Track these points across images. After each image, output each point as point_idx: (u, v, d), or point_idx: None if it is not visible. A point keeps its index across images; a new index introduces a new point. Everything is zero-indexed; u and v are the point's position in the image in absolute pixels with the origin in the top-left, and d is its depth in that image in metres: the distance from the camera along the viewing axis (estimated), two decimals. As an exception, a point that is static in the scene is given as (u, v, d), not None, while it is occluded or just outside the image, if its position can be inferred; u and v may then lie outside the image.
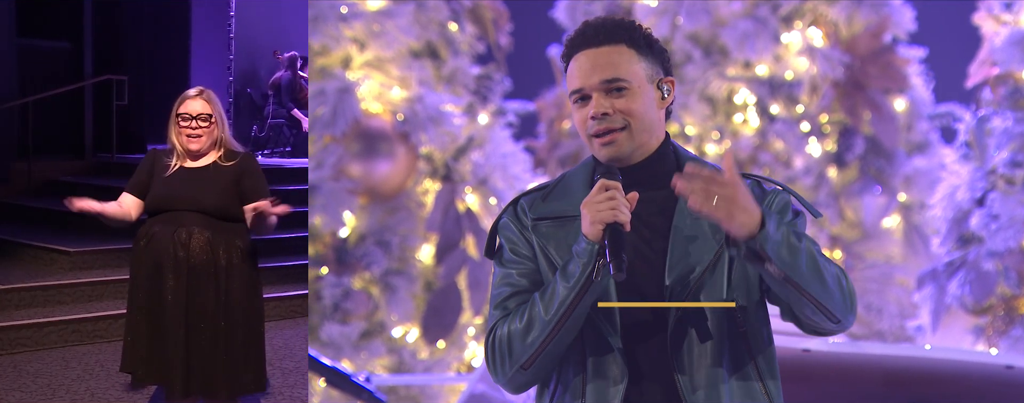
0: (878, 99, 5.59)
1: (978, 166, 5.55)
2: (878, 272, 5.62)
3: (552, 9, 5.75)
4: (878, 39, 5.60)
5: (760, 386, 2.29)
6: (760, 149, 5.63)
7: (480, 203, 5.68)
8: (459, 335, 5.68)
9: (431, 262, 5.66)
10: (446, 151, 5.66)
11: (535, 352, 2.25)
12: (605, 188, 2.17)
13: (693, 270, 2.24)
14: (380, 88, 5.61)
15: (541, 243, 2.31)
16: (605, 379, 2.27)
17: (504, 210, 2.39)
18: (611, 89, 2.27)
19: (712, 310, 2.25)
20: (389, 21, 5.60)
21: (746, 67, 5.63)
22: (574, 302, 2.19)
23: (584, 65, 2.29)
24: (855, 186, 5.64)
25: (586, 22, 2.33)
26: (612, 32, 2.30)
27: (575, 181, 2.38)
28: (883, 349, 5.21)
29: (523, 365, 2.27)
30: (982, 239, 5.52)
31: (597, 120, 2.26)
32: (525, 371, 2.29)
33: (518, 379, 2.32)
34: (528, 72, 5.77)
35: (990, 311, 5.53)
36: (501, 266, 2.36)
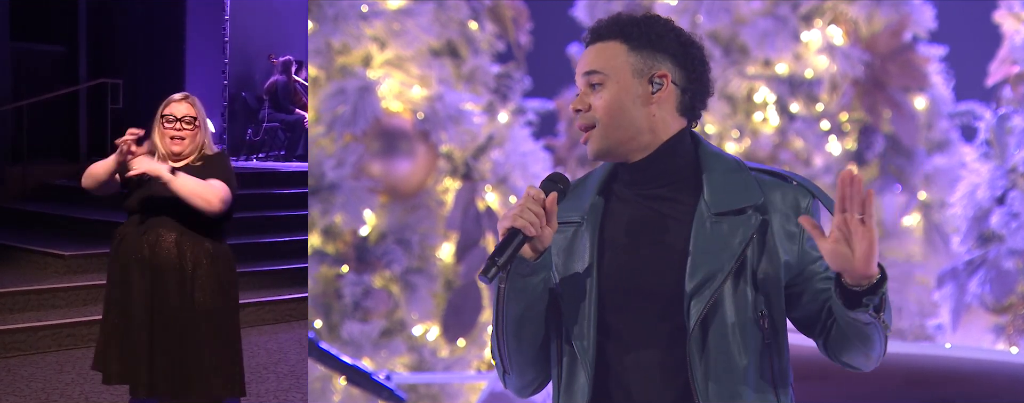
0: (898, 97, 5.60)
1: (998, 164, 5.56)
2: (898, 271, 5.62)
3: (572, 7, 5.74)
4: (898, 37, 5.61)
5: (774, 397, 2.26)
6: (780, 147, 5.62)
7: (500, 202, 5.67)
8: (479, 333, 5.66)
9: (451, 260, 5.65)
10: (466, 150, 5.65)
11: (505, 353, 2.25)
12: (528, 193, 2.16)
13: (714, 276, 2.20)
14: (400, 87, 5.59)
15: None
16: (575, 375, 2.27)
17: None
18: (591, 84, 2.25)
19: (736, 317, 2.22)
20: (409, 20, 5.59)
21: (766, 65, 5.63)
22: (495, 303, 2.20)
23: (581, 62, 2.30)
24: (875, 184, 5.64)
25: (600, 21, 2.33)
26: (608, 28, 2.29)
27: (590, 183, 2.36)
28: (903, 348, 5.22)
29: (506, 369, 2.29)
30: (1002, 237, 5.53)
31: (576, 115, 2.27)
32: (513, 371, 2.30)
33: (516, 382, 2.35)
34: (548, 71, 5.75)
35: (1010, 310, 5.54)
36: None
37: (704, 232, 2.22)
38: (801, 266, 2.25)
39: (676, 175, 2.29)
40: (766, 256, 2.24)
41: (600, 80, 2.24)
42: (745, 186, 2.27)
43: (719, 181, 2.27)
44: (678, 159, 2.30)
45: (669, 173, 2.29)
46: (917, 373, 5.09)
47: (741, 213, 2.24)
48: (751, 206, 2.25)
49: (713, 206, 2.24)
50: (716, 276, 2.19)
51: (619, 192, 2.31)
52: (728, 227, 2.23)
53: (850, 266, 2.06)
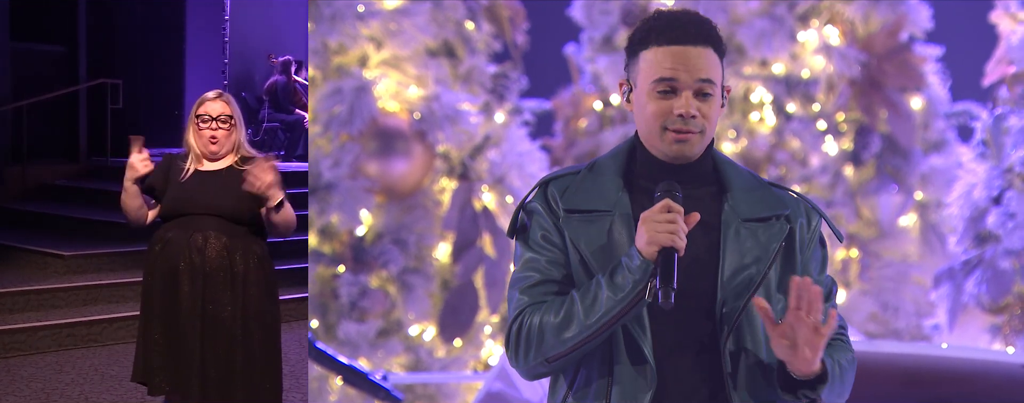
0: (895, 97, 5.60)
1: (995, 164, 5.56)
2: (894, 271, 5.62)
3: (569, 7, 5.75)
4: (895, 37, 5.61)
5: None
6: (776, 147, 5.63)
7: (497, 201, 5.67)
8: (476, 333, 5.67)
9: (448, 260, 5.65)
10: (463, 150, 5.66)
11: (567, 350, 2.22)
12: (668, 209, 2.15)
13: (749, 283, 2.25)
14: (397, 87, 5.60)
15: (572, 236, 2.28)
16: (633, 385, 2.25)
17: (532, 192, 2.38)
18: (700, 92, 2.25)
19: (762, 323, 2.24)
20: (406, 20, 5.59)
21: (762, 65, 5.64)
22: (619, 314, 2.17)
23: (680, 59, 2.26)
24: (871, 184, 5.64)
25: (674, 14, 2.31)
26: (708, 34, 2.29)
27: (607, 173, 2.35)
28: (900, 348, 5.22)
29: (549, 359, 2.25)
30: (999, 237, 5.53)
31: (683, 118, 2.24)
32: (549, 364, 2.27)
33: (539, 370, 2.30)
34: (544, 71, 5.76)
35: (1007, 310, 5.54)
36: (528, 249, 2.34)
37: (736, 238, 2.27)
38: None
39: (705, 179, 2.34)
40: (790, 264, 2.31)
41: (711, 89, 2.26)
42: (771, 196, 2.35)
43: (743, 189, 2.34)
44: (709, 160, 2.35)
45: (704, 174, 2.34)
46: (913, 373, 5.08)
47: (766, 220, 2.30)
48: (779, 215, 2.32)
49: (741, 213, 2.30)
50: (751, 282, 2.25)
51: (646, 187, 2.31)
52: (758, 234, 2.28)
53: (791, 360, 2.16)
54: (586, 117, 5.74)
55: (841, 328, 2.42)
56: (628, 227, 2.26)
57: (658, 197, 2.19)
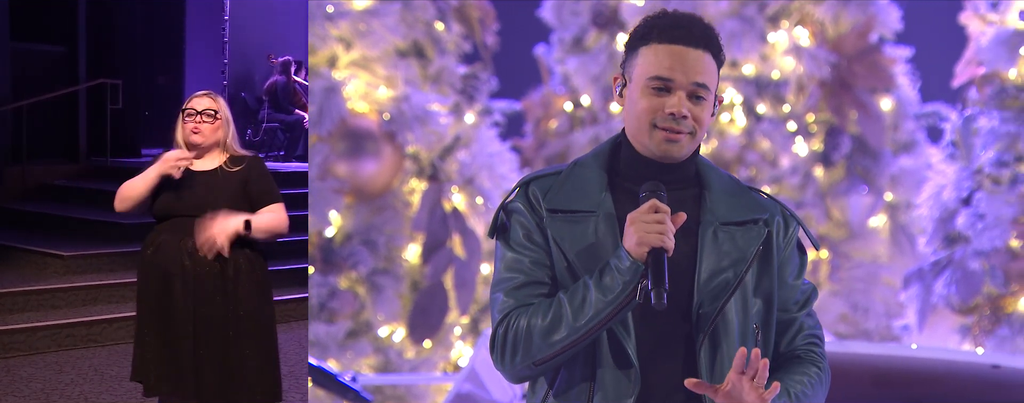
0: (864, 99, 5.59)
1: (964, 166, 5.55)
2: (864, 271, 5.61)
3: (539, 8, 5.75)
4: (864, 39, 5.60)
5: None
6: (747, 148, 5.62)
7: (466, 203, 5.68)
8: (446, 335, 5.67)
9: (417, 262, 5.66)
10: (432, 151, 5.66)
11: (555, 352, 2.22)
12: (655, 209, 2.15)
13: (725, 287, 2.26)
14: (366, 87, 5.61)
15: (556, 236, 2.27)
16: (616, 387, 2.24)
17: (513, 192, 2.36)
18: (693, 94, 2.24)
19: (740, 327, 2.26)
20: (375, 20, 5.60)
21: (733, 66, 5.63)
22: (609, 316, 2.17)
23: (678, 58, 2.25)
24: (841, 185, 5.64)
25: (679, 14, 2.30)
26: (710, 40, 2.28)
27: (589, 173, 2.34)
28: (870, 348, 5.21)
29: (536, 361, 2.24)
30: (968, 238, 5.52)
31: (674, 117, 2.23)
32: (536, 367, 2.26)
33: (525, 373, 2.29)
34: (514, 71, 5.76)
35: (976, 310, 5.53)
36: (510, 250, 2.32)
37: (714, 241, 2.27)
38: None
39: (688, 181, 2.34)
40: (767, 268, 2.31)
41: (705, 94, 2.25)
42: (750, 200, 2.35)
43: (723, 192, 2.34)
44: (693, 162, 2.35)
45: (687, 177, 2.33)
46: (884, 374, 5.07)
47: (744, 224, 2.30)
48: (756, 219, 2.32)
49: (719, 216, 2.30)
50: (727, 285, 2.25)
51: (629, 188, 2.30)
52: (736, 237, 2.28)
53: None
54: (556, 118, 5.74)
55: (815, 337, 2.43)
56: (612, 227, 2.26)
57: (643, 197, 2.19)
